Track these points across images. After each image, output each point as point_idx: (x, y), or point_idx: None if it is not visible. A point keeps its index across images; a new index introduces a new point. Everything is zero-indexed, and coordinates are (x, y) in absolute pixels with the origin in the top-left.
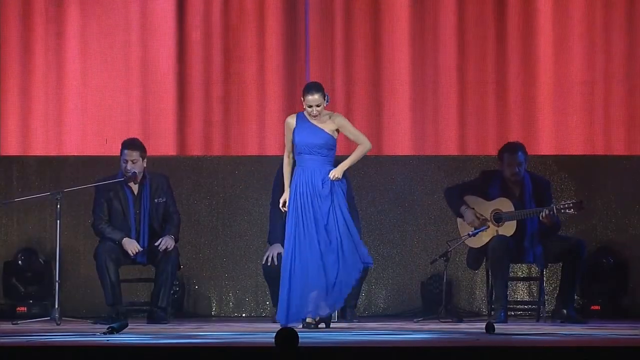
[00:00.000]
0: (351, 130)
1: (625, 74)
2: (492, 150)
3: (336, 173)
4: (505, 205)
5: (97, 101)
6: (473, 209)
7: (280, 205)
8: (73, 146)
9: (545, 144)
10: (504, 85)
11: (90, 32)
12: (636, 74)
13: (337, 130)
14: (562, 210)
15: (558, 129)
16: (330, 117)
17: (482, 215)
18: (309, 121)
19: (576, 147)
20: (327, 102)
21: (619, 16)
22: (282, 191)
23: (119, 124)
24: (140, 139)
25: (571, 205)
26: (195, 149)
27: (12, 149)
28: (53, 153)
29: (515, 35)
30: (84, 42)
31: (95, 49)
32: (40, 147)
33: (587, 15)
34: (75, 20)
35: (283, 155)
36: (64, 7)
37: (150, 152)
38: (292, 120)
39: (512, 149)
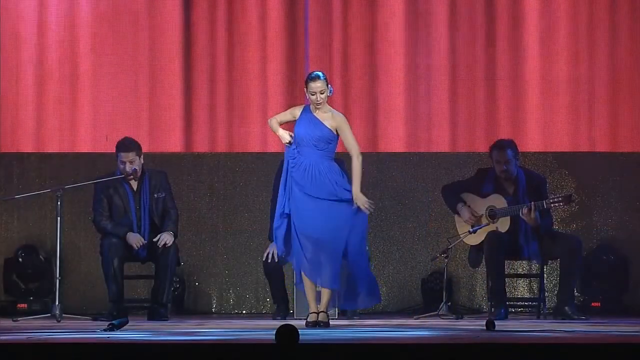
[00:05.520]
0: (347, 135)
1: (609, 73)
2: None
3: (364, 202)
4: (498, 201)
5: (100, 99)
6: (469, 206)
7: (287, 141)
8: (75, 143)
9: (541, 142)
10: (497, 83)
11: (99, 33)
12: (619, 71)
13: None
14: (552, 205)
15: (558, 125)
16: (332, 115)
17: (477, 212)
18: (312, 113)
19: (576, 144)
20: (330, 92)
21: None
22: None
23: (124, 121)
24: (146, 136)
25: (560, 199)
26: (200, 146)
27: (13, 145)
28: (54, 150)
29: (504, 32)
30: (93, 42)
31: (104, 49)
32: (41, 144)
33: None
34: (85, 21)
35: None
36: (75, 8)
37: (155, 149)
38: (297, 111)
39: (500, 147)
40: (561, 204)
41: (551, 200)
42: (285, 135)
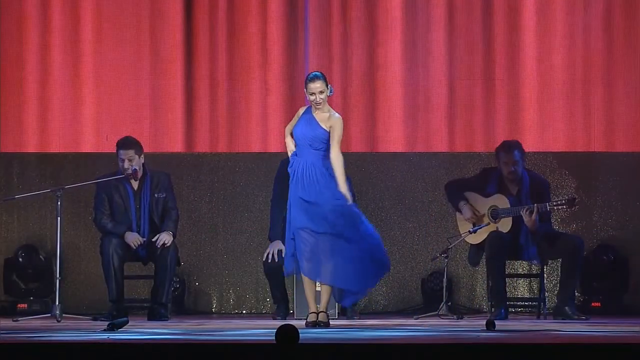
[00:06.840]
0: (337, 136)
1: (607, 73)
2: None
3: (349, 198)
4: (501, 202)
5: (99, 99)
6: (471, 205)
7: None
8: (76, 143)
9: (541, 142)
10: (496, 83)
11: (102, 35)
12: (615, 69)
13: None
14: (555, 208)
15: (557, 126)
16: (330, 115)
17: (479, 211)
18: (311, 114)
19: (575, 144)
20: (330, 92)
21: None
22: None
23: (126, 121)
24: (147, 136)
25: (564, 202)
26: (201, 146)
27: (13, 145)
28: (55, 150)
29: (503, 33)
30: (95, 43)
31: (105, 49)
32: (42, 144)
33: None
34: (88, 22)
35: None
36: (78, 9)
37: (156, 149)
38: (301, 111)
39: (508, 148)
40: (564, 207)
41: (555, 203)
42: (290, 146)
